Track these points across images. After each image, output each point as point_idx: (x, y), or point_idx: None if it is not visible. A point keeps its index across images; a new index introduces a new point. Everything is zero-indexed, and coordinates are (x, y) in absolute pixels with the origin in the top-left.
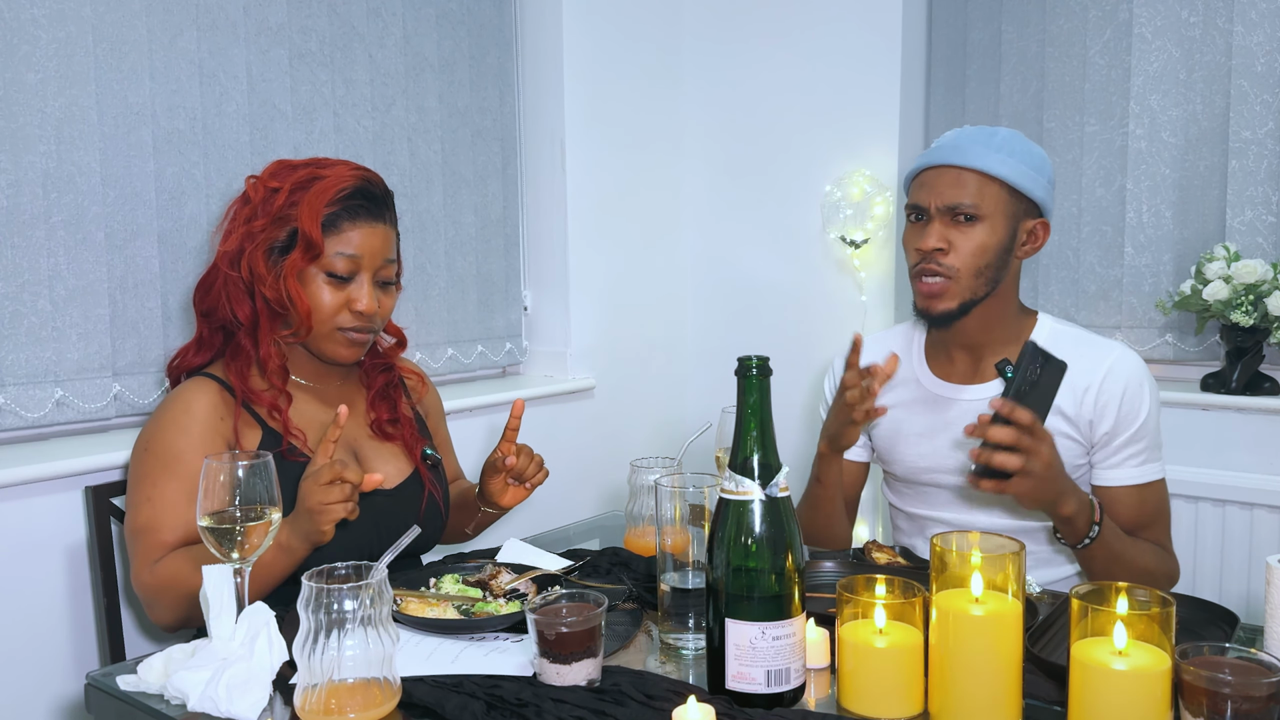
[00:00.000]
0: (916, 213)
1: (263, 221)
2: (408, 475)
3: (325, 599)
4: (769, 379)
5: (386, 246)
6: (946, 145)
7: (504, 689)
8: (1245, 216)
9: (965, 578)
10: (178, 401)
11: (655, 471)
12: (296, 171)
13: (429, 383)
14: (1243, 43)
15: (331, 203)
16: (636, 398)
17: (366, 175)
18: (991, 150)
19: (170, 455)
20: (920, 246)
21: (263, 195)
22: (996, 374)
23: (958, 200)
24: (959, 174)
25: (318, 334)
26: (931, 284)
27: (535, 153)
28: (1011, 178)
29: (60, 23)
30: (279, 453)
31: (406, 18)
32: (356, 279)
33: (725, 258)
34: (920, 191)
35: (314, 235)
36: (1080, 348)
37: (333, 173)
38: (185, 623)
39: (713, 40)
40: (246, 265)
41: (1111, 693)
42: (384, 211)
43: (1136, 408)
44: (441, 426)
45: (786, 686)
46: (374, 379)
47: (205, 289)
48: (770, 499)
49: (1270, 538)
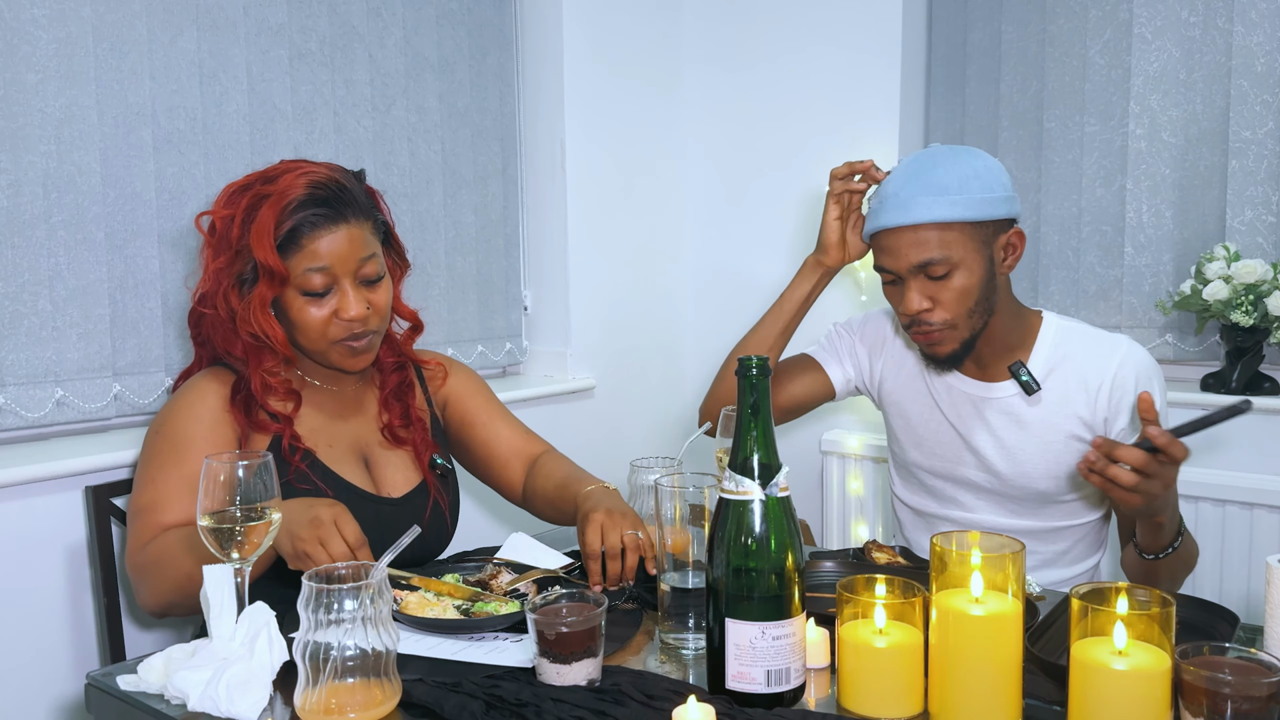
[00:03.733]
0: (888, 276)
1: (225, 257)
2: (415, 485)
3: (325, 599)
4: (769, 379)
5: (357, 246)
6: (891, 201)
7: (503, 689)
8: (1245, 216)
9: (965, 578)
10: (194, 389)
11: (655, 471)
12: (245, 194)
13: (453, 366)
14: (1243, 43)
15: (281, 222)
16: (636, 398)
17: (314, 179)
18: (936, 195)
19: (180, 440)
20: (904, 310)
21: (221, 228)
22: (1011, 375)
23: (924, 258)
24: (915, 233)
25: (315, 351)
26: (928, 337)
27: (535, 153)
28: (967, 215)
29: (60, 23)
30: (285, 464)
31: (406, 18)
32: (337, 287)
33: (725, 258)
34: (885, 256)
35: (272, 263)
36: (1088, 345)
37: (277, 188)
38: (168, 608)
39: (713, 40)
40: (223, 303)
41: (1111, 693)
42: (343, 210)
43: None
44: (486, 403)
45: (786, 686)
46: (387, 378)
47: (195, 323)
48: (770, 499)
49: (1270, 538)
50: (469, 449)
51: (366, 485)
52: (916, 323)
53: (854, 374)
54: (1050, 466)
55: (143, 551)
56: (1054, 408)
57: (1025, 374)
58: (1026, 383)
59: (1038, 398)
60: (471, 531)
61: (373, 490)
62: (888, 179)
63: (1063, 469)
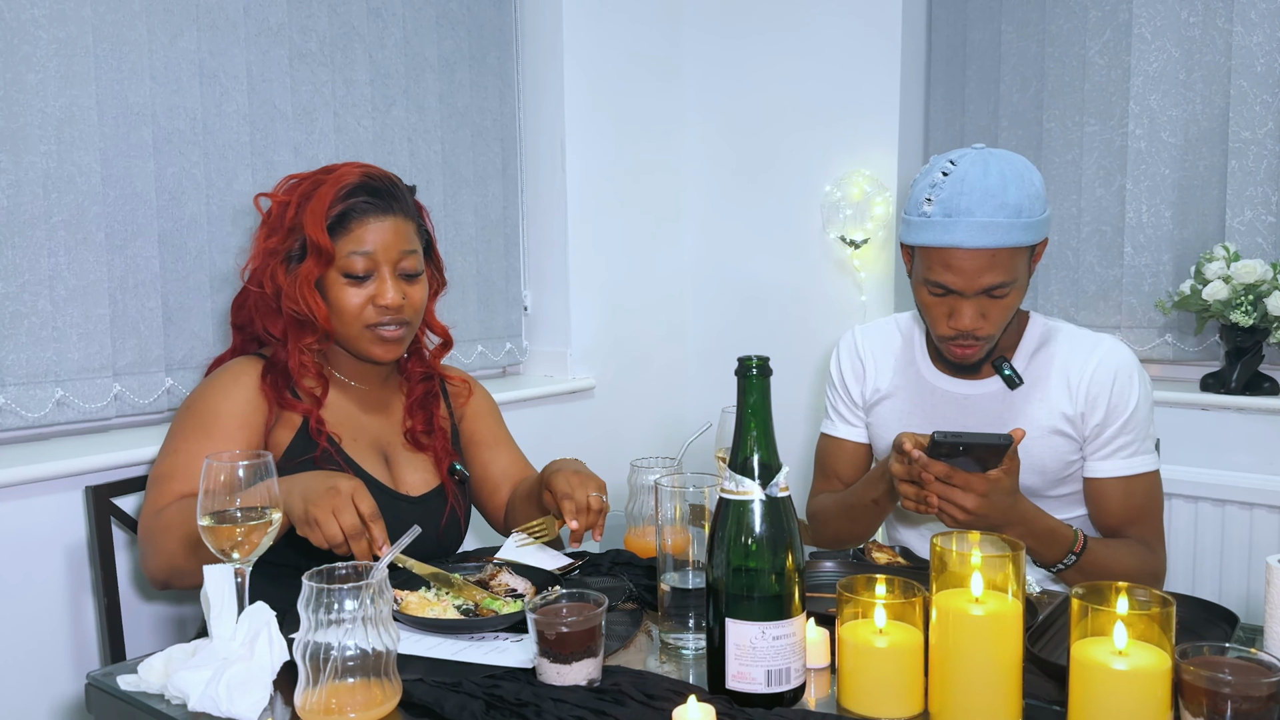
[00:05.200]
0: (943, 290)
1: (277, 237)
2: (433, 487)
3: (325, 599)
4: (769, 379)
5: (401, 238)
6: (965, 221)
7: (503, 689)
8: (1245, 216)
9: (965, 578)
10: (228, 371)
11: (655, 471)
12: (304, 182)
13: (477, 387)
14: (1242, 43)
15: (334, 204)
16: (636, 398)
17: (369, 171)
18: (1011, 217)
19: (209, 415)
20: (956, 326)
21: (276, 211)
22: (995, 371)
23: (997, 281)
24: (992, 256)
25: (348, 335)
26: (966, 351)
27: (535, 153)
28: (1034, 240)
29: (60, 23)
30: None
31: (406, 18)
32: (377, 274)
33: (725, 258)
34: (949, 274)
35: (321, 240)
36: (1071, 343)
37: (334, 175)
38: (170, 575)
39: (713, 40)
40: (269, 280)
41: (1111, 693)
42: (392, 204)
43: (1126, 398)
44: (495, 426)
45: (786, 686)
46: (414, 387)
47: (239, 306)
48: (770, 499)
49: (1270, 538)
50: (468, 468)
51: (386, 480)
52: (963, 336)
53: (860, 416)
54: (1033, 462)
55: (156, 517)
56: (1037, 404)
57: (1008, 369)
58: (1009, 377)
59: (1022, 394)
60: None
61: (391, 486)
62: (946, 187)
63: (1047, 464)
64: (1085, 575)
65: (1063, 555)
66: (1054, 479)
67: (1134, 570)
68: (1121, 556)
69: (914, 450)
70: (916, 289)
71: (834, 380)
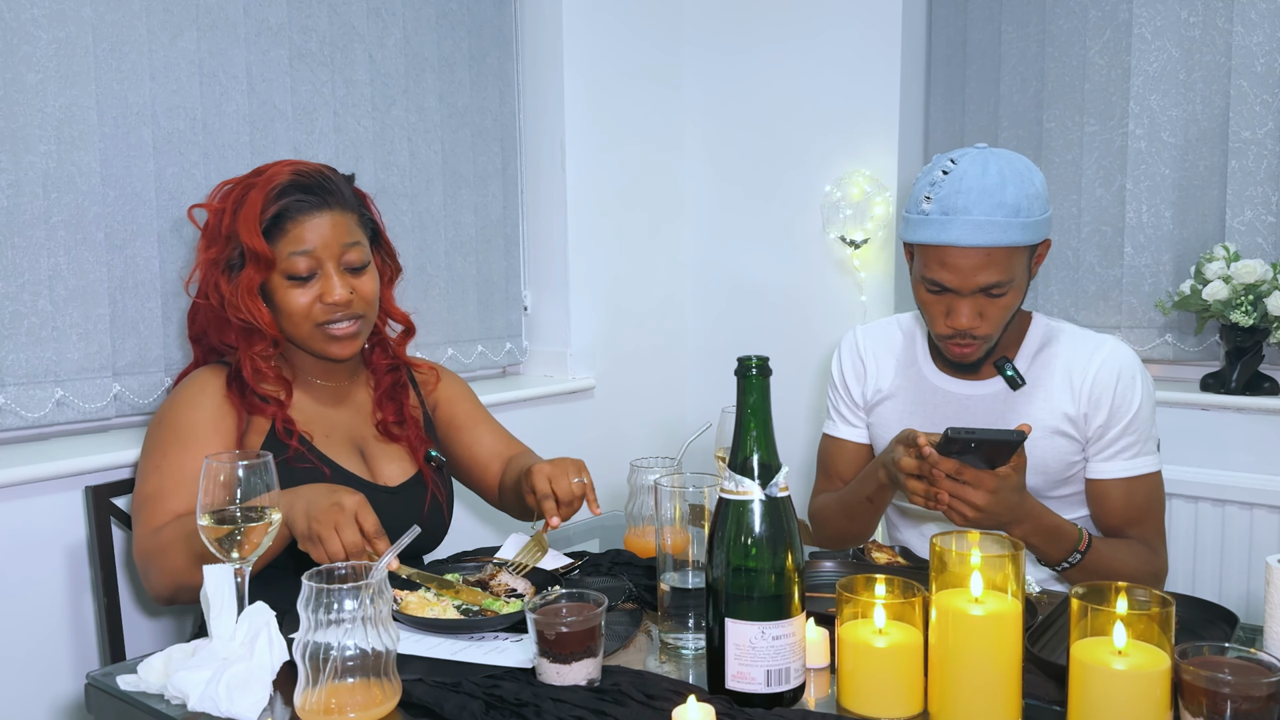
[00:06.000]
0: (939, 288)
1: (216, 247)
2: (411, 475)
3: (325, 599)
4: (769, 379)
5: (341, 231)
6: (962, 219)
7: (503, 689)
8: (1245, 216)
9: (965, 578)
10: (194, 382)
11: (655, 471)
12: (235, 188)
13: (444, 373)
14: (1242, 43)
15: (267, 206)
16: (636, 398)
17: (299, 167)
18: (1009, 216)
19: (183, 428)
20: (952, 325)
21: (212, 221)
22: (996, 371)
23: (993, 280)
24: (988, 254)
25: (301, 336)
26: (964, 350)
27: (535, 153)
28: (1033, 239)
29: (60, 23)
30: (283, 444)
31: (406, 18)
32: (321, 271)
33: (725, 258)
34: (945, 272)
35: (257, 246)
36: (1074, 343)
37: (265, 177)
38: (176, 593)
39: (713, 40)
40: (214, 291)
41: (1111, 693)
42: (327, 198)
43: (1129, 399)
44: (472, 408)
45: (786, 686)
46: (381, 379)
47: (192, 319)
48: (770, 499)
49: (1270, 538)
50: (453, 453)
51: (363, 474)
52: (960, 335)
53: (861, 416)
54: (1035, 462)
55: (154, 536)
56: (1039, 404)
57: (1010, 369)
58: (1012, 377)
59: (1024, 394)
60: (462, 533)
61: (369, 479)
62: (945, 185)
63: (1049, 465)
64: (1088, 575)
65: (1068, 554)
66: (1056, 479)
67: (1136, 570)
68: (1124, 556)
69: (926, 447)
70: (915, 287)
71: (835, 380)
